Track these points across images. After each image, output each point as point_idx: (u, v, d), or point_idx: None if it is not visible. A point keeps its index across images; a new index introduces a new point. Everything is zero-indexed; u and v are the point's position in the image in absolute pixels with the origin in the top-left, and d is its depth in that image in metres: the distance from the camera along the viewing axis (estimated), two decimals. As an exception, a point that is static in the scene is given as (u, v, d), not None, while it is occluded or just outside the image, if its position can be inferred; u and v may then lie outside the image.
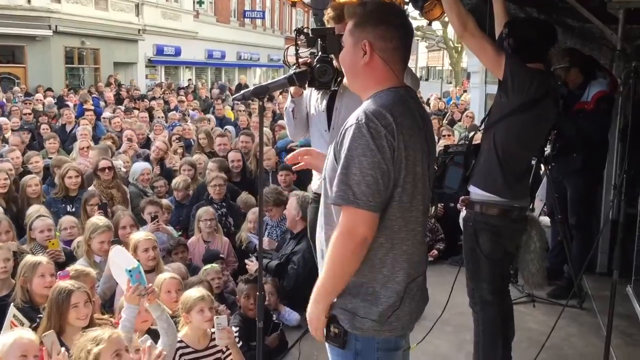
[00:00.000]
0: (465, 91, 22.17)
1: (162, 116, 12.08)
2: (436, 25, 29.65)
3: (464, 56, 30.02)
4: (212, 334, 3.54)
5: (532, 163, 4.69)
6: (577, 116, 4.87)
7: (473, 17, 3.30)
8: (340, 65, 2.43)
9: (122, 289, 3.43)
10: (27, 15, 18.34)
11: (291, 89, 3.52)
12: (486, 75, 11.18)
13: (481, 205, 3.43)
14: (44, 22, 18.87)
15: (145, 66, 25.67)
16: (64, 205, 6.07)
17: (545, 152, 4.94)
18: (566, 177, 5.16)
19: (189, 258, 5.28)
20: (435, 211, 6.40)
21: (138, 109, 13.69)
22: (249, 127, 10.63)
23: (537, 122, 3.38)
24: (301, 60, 3.21)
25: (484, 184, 3.43)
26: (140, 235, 4.49)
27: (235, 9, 33.37)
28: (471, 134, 4.92)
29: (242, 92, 2.80)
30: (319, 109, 3.59)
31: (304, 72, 2.68)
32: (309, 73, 2.86)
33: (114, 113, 11.94)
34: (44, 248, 4.74)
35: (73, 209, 6.01)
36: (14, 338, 2.89)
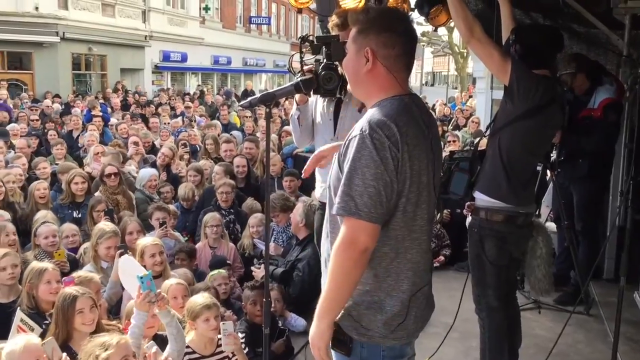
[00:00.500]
0: (471, 97, 22.16)
1: (169, 122, 12.11)
2: (442, 30, 29.59)
3: (469, 61, 29.99)
4: (219, 339, 3.54)
5: (538, 169, 4.70)
6: (584, 122, 4.87)
7: (479, 23, 3.31)
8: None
9: (132, 296, 3.44)
10: (35, 22, 18.44)
11: (296, 97, 3.52)
12: (492, 80, 11.21)
13: (486, 212, 3.43)
14: (52, 29, 18.97)
15: (152, 72, 25.76)
16: (70, 211, 6.10)
17: (552, 158, 4.94)
18: (572, 183, 5.15)
19: (195, 263, 5.29)
20: (441, 217, 6.40)
21: (145, 114, 13.75)
22: (254, 133, 10.66)
23: (543, 128, 3.38)
24: (306, 68, 3.22)
25: (489, 190, 3.43)
26: (147, 240, 4.51)
27: (241, 15, 33.48)
28: (476, 139, 4.91)
29: (249, 99, 2.82)
30: (324, 116, 3.59)
31: (310, 80, 2.69)
32: (315, 80, 2.87)
33: (122, 119, 11.99)
34: (49, 254, 4.76)
35: (79, 215, 6.04)
36: (23, 344, 2.91)
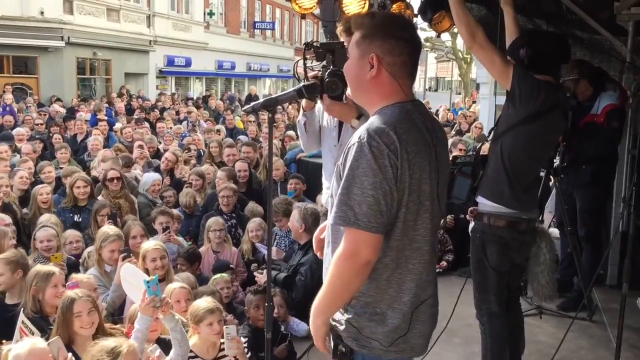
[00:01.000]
0: (474, 102, 22.18)
1: (172, 127, 12.15)
2: (445, 36, 29.63)
3: (473, 67, 30.01)
4: (222, 343, 3.55)
5: (541, 175, 4.70)
6: (587, 128, 4.87)
7: (482, 29, 3.32)
8: None
9: (136, 302, 3.46)
10: (40, 26, 18.52)
11: (303, 103, 3.51)
12: (495, 86, 11.21)
13: (489, 217, 3.43)
14: (57, 33, 19.04)
15: (156, 77, 25.84)
16: (71, 215, 6.11)
17: (555, 164, 4.93)
18: (575, 189, 5.14)
19: (198, 268, 5.30)
20: (445, 223, 6.40)
21: (149, 119, 13.80)
22: (258, 138, 10.70)
23: (544, 134, 3.38)
24: (311, 74, 3.22)
25: (492, 195, 3.43)
26: (149, 244, 4.52)
27: (245, 20, 33.58)
28: (479, 144, 4.92)
29: (252, 104, 2.82)
30: (329, 123, 3.60)
31: (312, 85, 2.70)
32: (319, 87, 2.88)
33: (127, 123, 12.04)
34: (47, 258, 4.76)
35: (80, 219, 6.05)
36: (29, 348, 2.92)
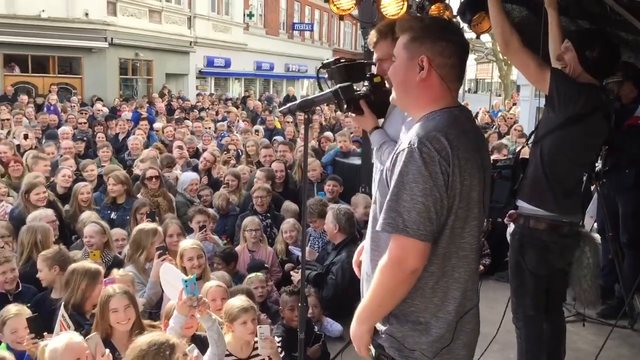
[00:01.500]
0: (514, 104, 21.81)
1: (211, 127, 12.32)
2: (485, 37, 29.21)
3: (513, 69, 29.50)
4: (255, 342, 3.58)
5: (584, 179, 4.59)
6: (630, 131, 4.75)
7: (517, 33, 3.28)
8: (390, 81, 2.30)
9: (173, 300, 3.52)
10: (85, 27, 18.97)
11: None
12: (536, 88, 11.01)
13: (529, 219, 3.38)
14: (101, 35, 19.47)
15: (196, 77, 26.20)
16: (109, 212, 6.28)
17: (597, 168, 4.82)
18: (618, 194, 5.02)
19: (234, 267, 5.34)
20: (488, 227, 6.28)
21: (188, 119, 14.03)
22: (295, 139, 10.74)
23: (586, 137, 3.31)
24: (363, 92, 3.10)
25: (532, 197, 3.38)
26: (187, 243, 4.59)
27: (284, 21, 33.76)
28: (519, 147, 4.84)
29: (288, 105, 2.84)
30: None
31: (349, 87, 2.69)
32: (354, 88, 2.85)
33: (167, 123, 12.28)
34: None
35: (115, 217, 6.20)
36: (65, 342, 2.99)
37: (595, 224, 5.50)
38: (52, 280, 4.32)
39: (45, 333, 3.41)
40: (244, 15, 28.86)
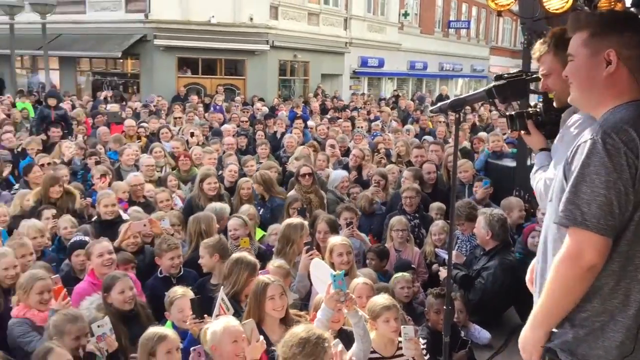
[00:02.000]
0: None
1: (363, 126, 12.49)
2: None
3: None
4: (399, 342, 3.58)
5: None
6: None
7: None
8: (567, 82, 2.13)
9: (321, 293, 3.64)
10: (249, 31, 20.20)
11: None
12: None
13: None
14: (263, 38, 20.60)
15: (350, 77, 26.70)
16: (259, 208, 6.65)
17: None
18: None
19: (385, 265, 5.37)
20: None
21: (341, 118, 14.36)
22: (446, 139, 10.54)
23: None
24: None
25: None
26: (337, 240, 4.70)
27: (440, 19, 33.25)
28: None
29: (439, 105, 2.81)
30: None
31: (504, 86, 2.60)
32: (508, 87, 2.72)
33: (321, 121, 12.69)
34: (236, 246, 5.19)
35: (260, 213, 6.55)
36: (223, 325, 3.22)
37: None
38: (212, 267, 4.66)
39: (205, 315, 3.67)
40: (399, 14, 28.87)
